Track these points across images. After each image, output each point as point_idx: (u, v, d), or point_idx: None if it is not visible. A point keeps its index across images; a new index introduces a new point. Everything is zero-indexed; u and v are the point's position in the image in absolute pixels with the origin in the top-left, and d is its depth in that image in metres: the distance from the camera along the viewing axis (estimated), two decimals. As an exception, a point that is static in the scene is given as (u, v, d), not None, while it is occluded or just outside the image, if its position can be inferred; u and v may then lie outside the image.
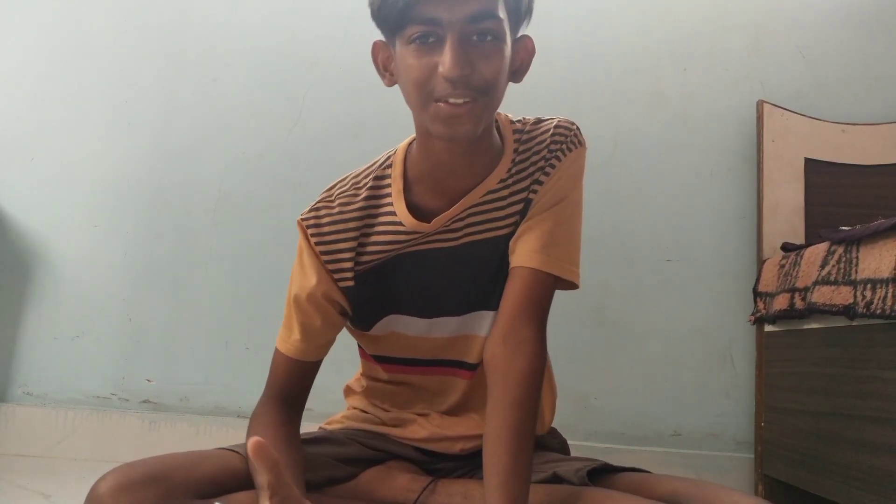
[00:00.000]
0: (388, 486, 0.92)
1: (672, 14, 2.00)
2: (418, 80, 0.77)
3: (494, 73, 0.78)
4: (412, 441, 0.98)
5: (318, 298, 0.90)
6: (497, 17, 0.77)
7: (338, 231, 0.90)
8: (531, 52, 0.88)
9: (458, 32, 0.75)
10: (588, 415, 1.82)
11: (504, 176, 0.89)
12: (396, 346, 0.97)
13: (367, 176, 0.92)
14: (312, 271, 0.90)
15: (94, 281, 1.90)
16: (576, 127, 0.93)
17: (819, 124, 1.85)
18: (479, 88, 0.77)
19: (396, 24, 0.77)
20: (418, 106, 0.80)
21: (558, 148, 0.91)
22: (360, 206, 0.90)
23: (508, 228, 0.90)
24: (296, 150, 1.95)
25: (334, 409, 1.12)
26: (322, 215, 0.90)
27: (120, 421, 1.82)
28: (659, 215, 1.90)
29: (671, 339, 1.84)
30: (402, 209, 0.88)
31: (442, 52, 0.75)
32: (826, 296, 1.32)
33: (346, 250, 0.90)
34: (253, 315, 1.87)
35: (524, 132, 0.92)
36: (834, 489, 1.31)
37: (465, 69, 0.75)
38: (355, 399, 1.08)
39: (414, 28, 0.76)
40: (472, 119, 0.78)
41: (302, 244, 0.91)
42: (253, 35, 1.99)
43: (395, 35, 0.79)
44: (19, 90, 2.00)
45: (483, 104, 0.78)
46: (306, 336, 0.92)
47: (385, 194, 0.90)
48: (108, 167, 1.96)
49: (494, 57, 0.78)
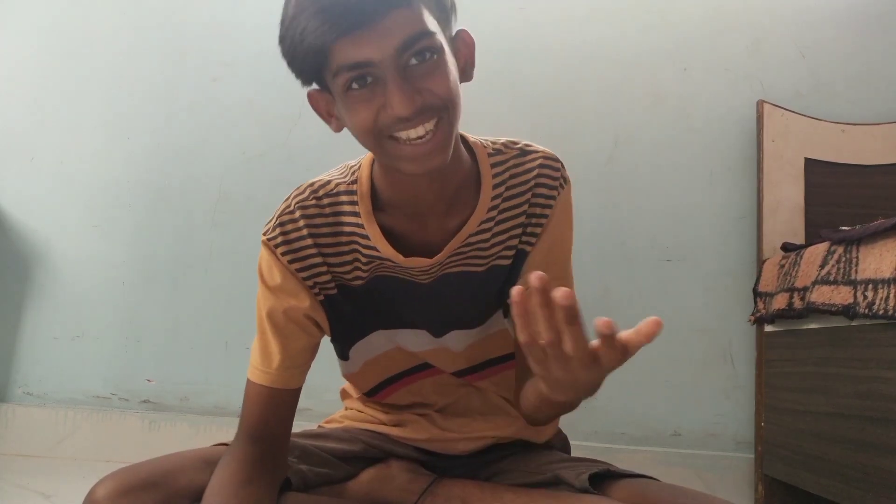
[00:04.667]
0: (387, 485, 0.91)
1: (672, 14, 1.99)
2: (368, 125, 0.71)
3: (446, 86, 0.72)
4: (413, 442, 0.98)
5: (301, 317, 0.85)
6: (428, 32, 0.70)
7: (307, 246, 0.84)
8: (471, 45, 0.80)
9: (395, 66, 0.68)
10: (588, 415, 1.82)
11: (484, 217, 0.84)
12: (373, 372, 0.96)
13: (327, 186, 0.86)
14: (290, 291, 0.85)
15: (94, 281, 1.90)
16: (560, 164, 0.89)
17: (819, 124, 1.85)
18: (437, 106, 0.71)
19: (317, 68, 0.72)
20: (376, 149, 0.75)
21: (547, 191, 0.87)
22: (328, 220, 0.85)
23: (487, 264, 0.87)
24: (296, 150, 1.95)
25: (332, 409, 1.12)
26: (289, 230, 0.84)
27: (120, 421, 1.82)
28: (659, 215, 1.90)
29: (671, 339, 1.83)
30: (375, 233, 0.83)
31: (384, 90, 0.69)
32: (825, 295, 1.32)
33: (319, 263, 0.85)
34: (253, 315, 1.86)
35: (504, 164, 0.87)
36: (834, 489, 1.31)
37: (416, 100, 0.69)
38: (352, 401, 1.07)
39: (344, 76, 0.70)
40: (441, 148, 0.72)
41: (270, 264, 0.85)
42: (253, 35, 2.00)
43: (322, 79, 0.74)
44: (19, 90, 2.00)
45: (447, 120, 0.72)
46: (290, 361, 0.84)
47: (351, 212, 0.85)
48: (108, 167, 1.96)
49: (440, 71, 0.71)
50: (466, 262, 0.88)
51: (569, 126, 1.94)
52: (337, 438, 0.95)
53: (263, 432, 0.83)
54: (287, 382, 0.85)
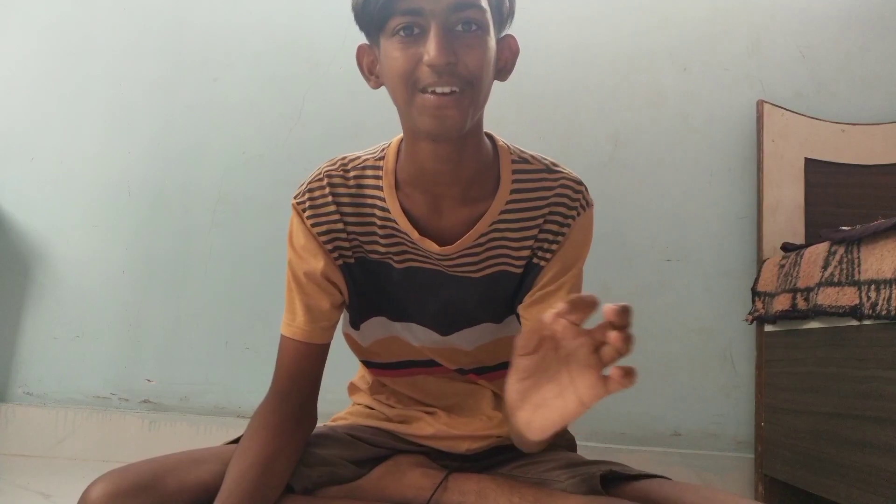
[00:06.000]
0: (398, 483, 0.90)
1: (672, 14, 1.99)
2: (403, 72, 0.76)
3: (479, 63, 0.77)
4: (418, 438, 0.98)
5: (319, 278, 0.90)
6: (480, 7, 0.76)
7: (331, 212, 0.89)
8: (515, 52, 0.86)
9: (442, 21, 0.74)
10: (588, 415, 1.80)
11: (497, 218, 0.88)
12: (384, 352, 0.99)
13: (355, 160, 0.92)
14: (311, 252, 0.90)
15: (94, 281, 1.90)
16: (584, 188, 0.91)
17: (819, 124, 1.85)
18: (465, 78, 0.76)
19: (380, 19, 0.77)
20: (404, 99, 0.78)
21: (566, 210, 0.89)
22: (351, 191, 0.90)
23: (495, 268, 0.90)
24: (296, 150, 1.95)
25: (335, 409, 1.12)
26: (316, 196, 0.90)
27: (120, 421, 1.82)
28: (659, 215, 1.90)
29: (671, 339, 1.83)
30: (395, 207, 0.88)
31: (426, 42, 0.75)
32: (831, 297, 1.32)
33: (341, 230, 0.90)
34: (253, 315, 1.87)
35: (526, 173, 0.90)
36: (834, 489, 1.31)
37: (451, 56, 0.74)
38: (360, 396, 1.08)
39: (397, 20, 0.75)
40: (460, 111, 0.76)
41: (297, 226, 0.91)
42: (253, 35, 1.99)
43: (380, 32, 0.79)
44: (19, 90, 2.00)
45: (469, 96, 0.77)
46: (311, 317, 0.90)
47: (374, 185, 0.90)
48: (108, 167, 1.96)
49: (479, 47, 0.77)
50: (477, 263, 0.90)
51: (569, 126, 1.94)
52: (343, 443, 0.95)
53: (293, 384, 0.90)
54: (310, 337, 0.90)
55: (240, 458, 0.81)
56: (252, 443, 0.83)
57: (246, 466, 0.79)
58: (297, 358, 0.91)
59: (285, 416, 0.87)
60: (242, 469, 0.79)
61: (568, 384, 0.61)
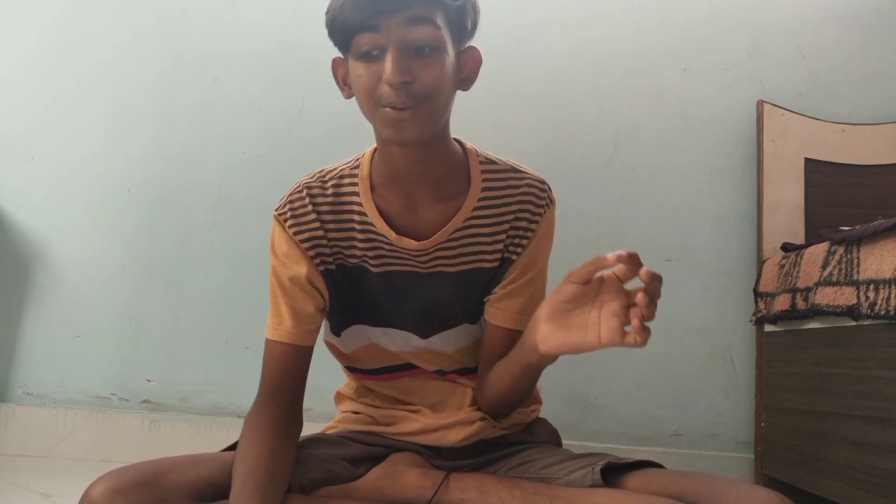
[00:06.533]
0: (397, 484, 0.91)
1: (672, 14, 1.99)
2: (367, 89, 0.83)
3: (435, 81, 0.82)
4: (406, 436, 0.99)
5: (304, 282, 0.94)
6: (434, 24, 0.82)
7: (311, 220, 0.95)
8: (478, 62, 0.93)
9: (398, 42, 0.81)
10: (588, 415, 1.82)
11: (470, 214, 0.94)
12: (366, 358, 1.03)
13: (332, 171, 0.98)
14: (293, 259, 0.94)
15: (94, 281, 1.90)
16: (548, 186, 0.99)
17: (819, 124, 1.85)
18: (421, 96, 0.82)
19: (345, 37, 0.84)
20: (368, 112, 0.86)
21: (534, 208, 0.96)
22: (329, 200, 0.96)
23: (472, 264, 0.96)
24: (296, 150, 1.95)
25: (333, 409, 1.13)
26: (296, 206, 0.95)
27: (120, 421, 1.82)
28: (659, 215, 1.90)
29: (671, 339, 1.83)
30: (371, 209, 0.94)
31: (385, 62, 0.81)
32: (829, 297, 1.32)
33: (322, 237, 0.95)
34: (253, 315, 1.87)
35: (494, 172, 0.96)
36: (834, 489, 1.31)
37: (406, 76, 0.80)
38: (346, 403, 1.10)
39: (359, 38, 0.82)
40: (417, 124, 0.82)
41: (279, 235, 0.96)
42: (253, 35, 1.99)
43: (348, 50, 0.86)
44: (19, 90, 2.00)
45: (426, 110, 0.83)
46: (298, 320, 0.94)
47: (351, 192, 0.95)
48: (108, 167, 1.96)
49: (435, 66, 0.82)
50: (452, 258, 0.95)
51: (569, 126, 1.94)
52: (336, 443, 0.97)
53: (281, 385, 0.94)
54: (297, 339, 0.95)
55: (243, 457, 0.84)
56: (252, 441, 0.86)
57: (252, 463, 0.82)
58: (284, 361, 0.94)
59: (278, 415, 0.91)
60: (249, 466, 0.82)
61: (594, 322, 0.76)
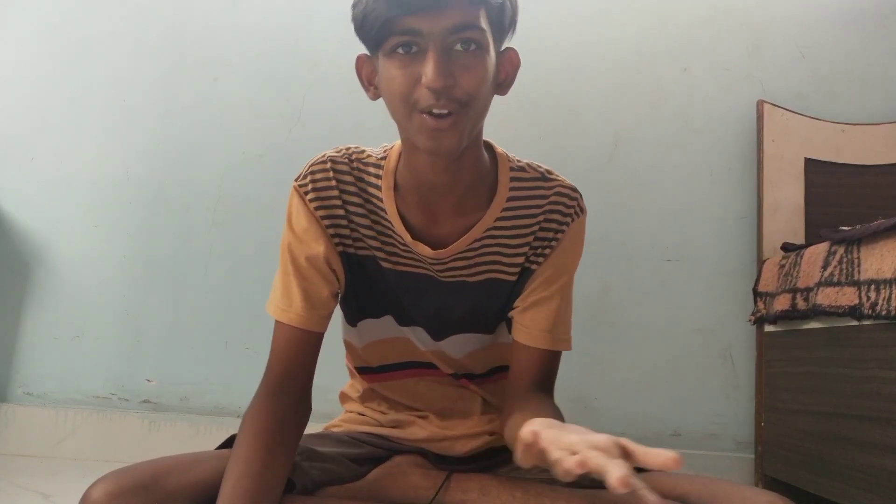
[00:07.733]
0: (399, 484, 0.90)
1: (672, 14, 2.00)
2: (402, 92, 0.76)
3: (477, 84, 0.77)
4: (413, 442, 0.98)
5: (321, 263, 0.88)
6: (479, 28, 0.76)
7: (334, 197, 0.88)
8: (516, 65, 0.86)
9: (440, 43, 0.74)
10: (588, 415, 1.82)
11: (492, 224, 0.88)
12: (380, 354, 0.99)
13: (360, 154, 0.91)
14: (313, 236, 0.88)
15: (94, 281, 1.90)
16: (578, 194, 0.92)
17: (819, 124, 1.85)
18: (462, 100, 0.76)
19: (378, 37, 0.77)
20: (403, 117, 0.79)
21: (560, 217, 0.90)
22: (353, 180, 0.90)
23: (490, 275, 0.91)
24: (296, 150, 1.95)
25: (335, 409, 1.12)
26: (318, 179, 0.89)
27: (120, 421, 1.82)
28: (659, 215, 1.90)
29: (671, 339, 1.83)
30: (392, 209, 0.88)
31: (424, 62, 0.74)
32: (830, 297, 1.32)
33: (343, 216, 0.89)
34: (253, 315, 1.87)
35: (522, 181, 0.90)
36: (834, 489, 1.31)
37: (448, 80, 0.74)
38: (352, 404, 1.08)
39: (395, 39, 0.75)
40: (456, 133, 0.77)
41: (298, 208, 0.89)
42: (253, 35, 1.99)
43: (378, 48, 0.78)
44: (19, 91, 2.00)
45: (467, 117, 0.77)
46: (310, 304, 0.87)
47: (374, 183, 0.89)
48: (108, 167, 1.96)
49: (477, 68, 0.77)
50: (470, 268, 0.90)
51: (569, 126, 1.94)
52: (341, 442, 0.96)
53: (288, 374, 0.86)
54: (308, 324, 0.87)
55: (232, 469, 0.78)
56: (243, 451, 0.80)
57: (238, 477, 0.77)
58: (292, 346, 0.87)
59: (278, 413, 0.83)
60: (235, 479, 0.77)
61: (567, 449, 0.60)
